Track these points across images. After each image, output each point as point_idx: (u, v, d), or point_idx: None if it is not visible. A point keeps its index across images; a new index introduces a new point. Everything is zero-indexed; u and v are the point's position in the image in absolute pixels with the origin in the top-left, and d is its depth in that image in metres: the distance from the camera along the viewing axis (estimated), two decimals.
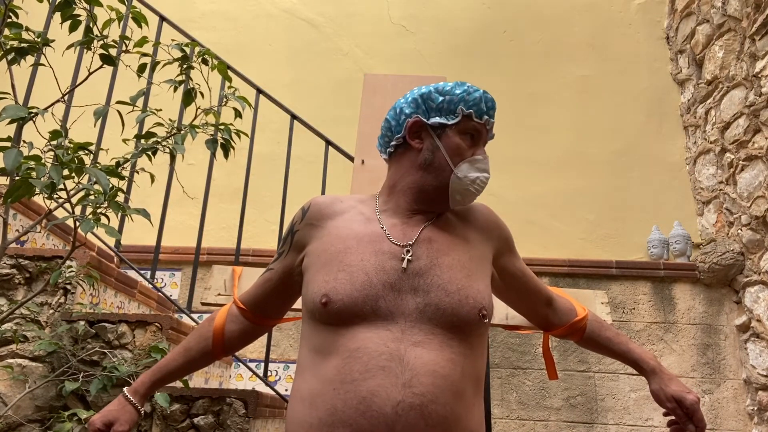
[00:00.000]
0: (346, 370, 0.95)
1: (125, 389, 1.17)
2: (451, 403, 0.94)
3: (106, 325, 1.96)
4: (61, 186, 1.42)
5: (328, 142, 2.85)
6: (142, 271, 2.56)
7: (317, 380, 0.99)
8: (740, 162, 3.43)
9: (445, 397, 0.94)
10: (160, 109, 1.83)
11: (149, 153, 1.75)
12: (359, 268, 1.02)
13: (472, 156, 1.12)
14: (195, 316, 2.63)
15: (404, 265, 1.03)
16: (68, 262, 1.99)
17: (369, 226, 1.10)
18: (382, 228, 1.10)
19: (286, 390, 3.20)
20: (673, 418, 1.19)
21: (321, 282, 1.03)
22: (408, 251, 1.05)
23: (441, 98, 1.13)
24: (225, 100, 1.87)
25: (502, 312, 1.61)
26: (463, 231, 1.14)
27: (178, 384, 1.88)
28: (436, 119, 1.12)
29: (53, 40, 1.57)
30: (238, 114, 1.86)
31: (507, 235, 1.21)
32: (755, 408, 3.25)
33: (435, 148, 1.12)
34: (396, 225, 1.11)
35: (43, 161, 1.41)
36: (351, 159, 2.56)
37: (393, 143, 1.17)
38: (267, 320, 1.26)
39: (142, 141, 1.79)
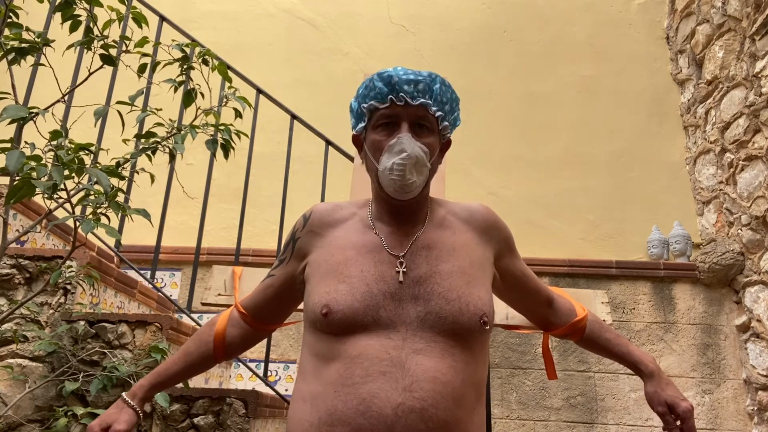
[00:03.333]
0: (347, 374, 0.96)
1: (124, 393, 1.16)
2: (451, 409, 0.94)
3: (106, 325, 1.96)
4: (62, 186, 1.42)
5: (328, 142, 2.86)
6: (142, 271, 2.56)
7: (319, 382, 0.99)
8: (740, 162, 3.43)
9: (445, 403, 0.94)
10: (161, 109, 1.83)
11: (149, 153, 1.75)
12: (359, 279, 1.02)
13: (389, 143, 1.05)
14: (195, 316, 2.63)
15: (400, 278, 1.03)
16: (68, 262, 1.99)
17: (367, 235, 1.10)
18: (378, 236, 1.10)
19: (286, 390, 3.20)
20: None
21: (322, 293, 1.03)
22: (401, 263, 1.05)
23: (355, 105, 1.14)
24: (225, 100, 1.87)
25: (502, 312, 1.60)
26: (462, 234, 1.13)
27: (179, 384, 1.88)
28: (359, 127, 1.13)
29: (53, 41, 1.57)
30: (238, 114, 1.86)
31: (507, 235, 1.21)
32: (755, 408, 3.25)
33: (365, 153, 1.13)
34: (391, 233, 1.10)
35: (43, 161, 1.41)
36: (351, 159, 2.56)
37: None
38: (268, 325, 1.26)
39: (142, 141, 1.79)
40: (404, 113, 1.07)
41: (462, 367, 0.99)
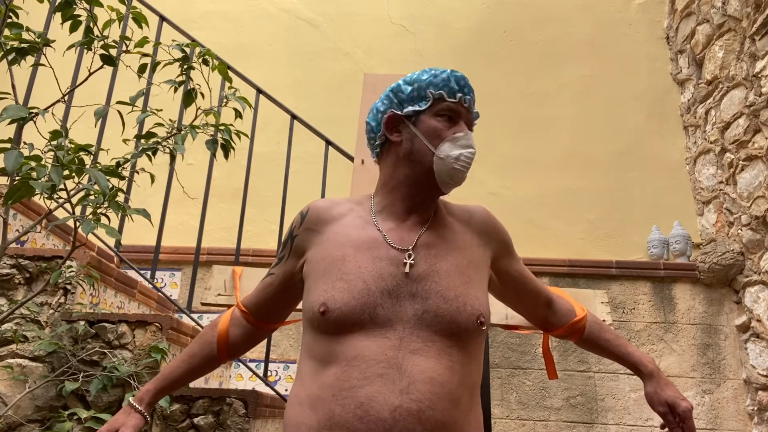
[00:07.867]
0: (344, 377, 0.96)
1: (131, 399, 1.17)
2: (448, 410, 0.94)
3: (106, 325, 1.96)
4: (62, 186, 1.42)
5: (328, 142, 2.86)
6: (142, 271, 2.56)
7: (316, 386, 0.99)
8: (740, 162, 3.43)
9: (442, 405, 0.94)
10: (161, 110, 1.83)
11: (149, 153, 1.75)
12: (357, 276, 1.02)
13: (453, 135, 1.11)
14: (195, 316, 2.64)
15: (406, 270, 1.03)
16: (68, 262, 1.99)
17: (366, 231, 1.10)
18: (380, 231, 1.10)
19: (286, 390, 3.20)
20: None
21: (320, 291, 1.03)
22: (410, 255, 1.05)
23: (410, 88, 1.14)
24: (225, 100, 1.87)
25: (502, 312, 1.61)
26: (462, 235, 1.13)
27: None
28: (409, 108, 1.13)
29: (53, 41, 1.57)
30: (238, 114, 1.86)
31: (505, 238, 1.21)
32: (755, 408, 3.25)
33: (413, 136, 1.12)
34: (393, 228, 1.10)
35: (43, 162, 1.41)
36: (351, 159, 2.56)
37: (377, 143, 1.19)
38: (269, 324, 1.26)
39: (142, 141, 1.79)
40: (465, 114, 1.14)
41: (459, 368, 0.99)
